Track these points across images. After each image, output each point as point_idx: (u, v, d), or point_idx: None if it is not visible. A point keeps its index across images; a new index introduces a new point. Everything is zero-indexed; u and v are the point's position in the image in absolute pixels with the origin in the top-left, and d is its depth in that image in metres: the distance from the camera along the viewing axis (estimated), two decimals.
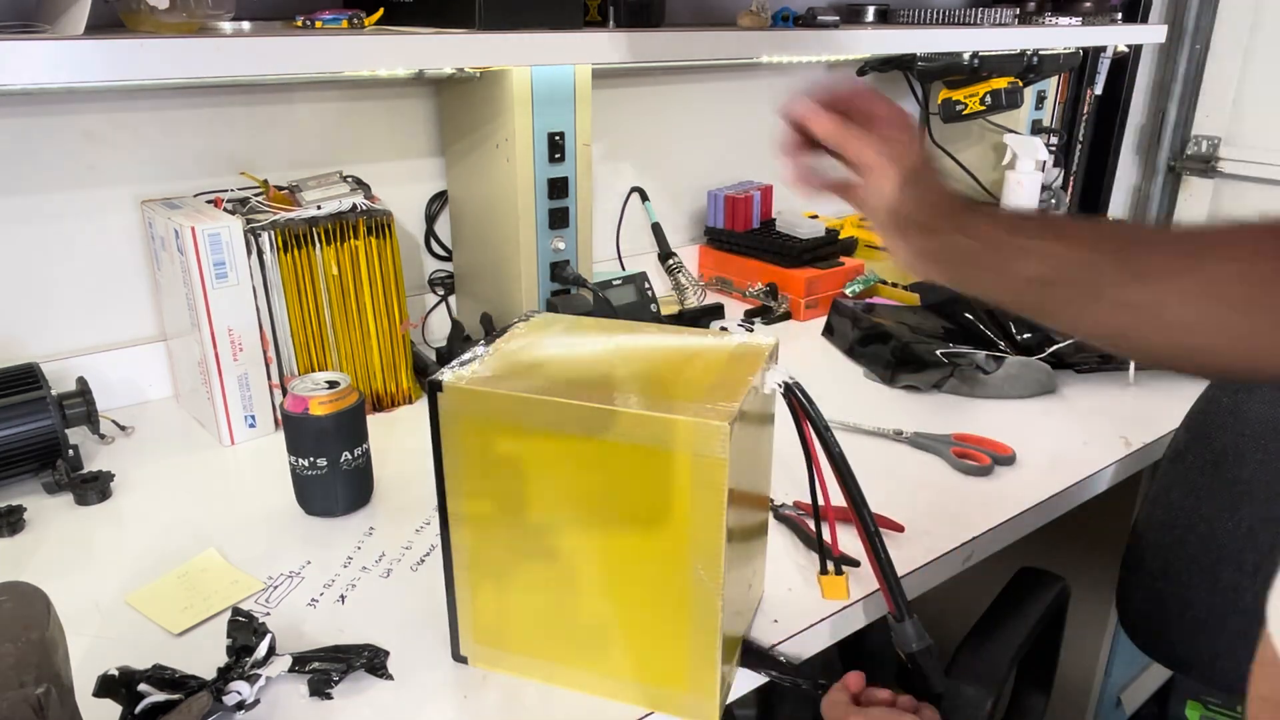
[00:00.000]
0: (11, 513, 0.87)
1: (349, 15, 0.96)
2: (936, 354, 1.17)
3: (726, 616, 0.61)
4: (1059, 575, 0.96)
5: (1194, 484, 0.94)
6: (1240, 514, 0.90)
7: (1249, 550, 0.90)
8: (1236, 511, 0.90)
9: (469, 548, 0.65)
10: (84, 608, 0.75)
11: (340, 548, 0.84)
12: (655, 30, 1.12)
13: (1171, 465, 0.97)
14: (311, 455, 0.86)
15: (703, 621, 0.61)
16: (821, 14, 1.33)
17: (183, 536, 0.85)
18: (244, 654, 0.64)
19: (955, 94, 1.63)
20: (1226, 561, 0.91)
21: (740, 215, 1.57)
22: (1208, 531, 0.92)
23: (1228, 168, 2.41)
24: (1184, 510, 0.95)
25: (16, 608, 0.55)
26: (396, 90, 1.24)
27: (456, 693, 0.66)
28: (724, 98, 1.60)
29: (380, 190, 1.17)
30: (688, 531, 0.58)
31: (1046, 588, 0.94)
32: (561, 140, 1.17)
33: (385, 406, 1.13)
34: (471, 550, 0.65)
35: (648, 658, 0.64)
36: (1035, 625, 0.89)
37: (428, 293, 1.35)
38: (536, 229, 1.19)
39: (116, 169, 1.07)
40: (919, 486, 0.95)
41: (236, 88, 1.12)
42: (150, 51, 0.79)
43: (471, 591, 0.66)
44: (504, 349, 0.66)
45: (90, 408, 0.96)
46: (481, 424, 0.60)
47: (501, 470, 0.61)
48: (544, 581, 0.64)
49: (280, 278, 1.02)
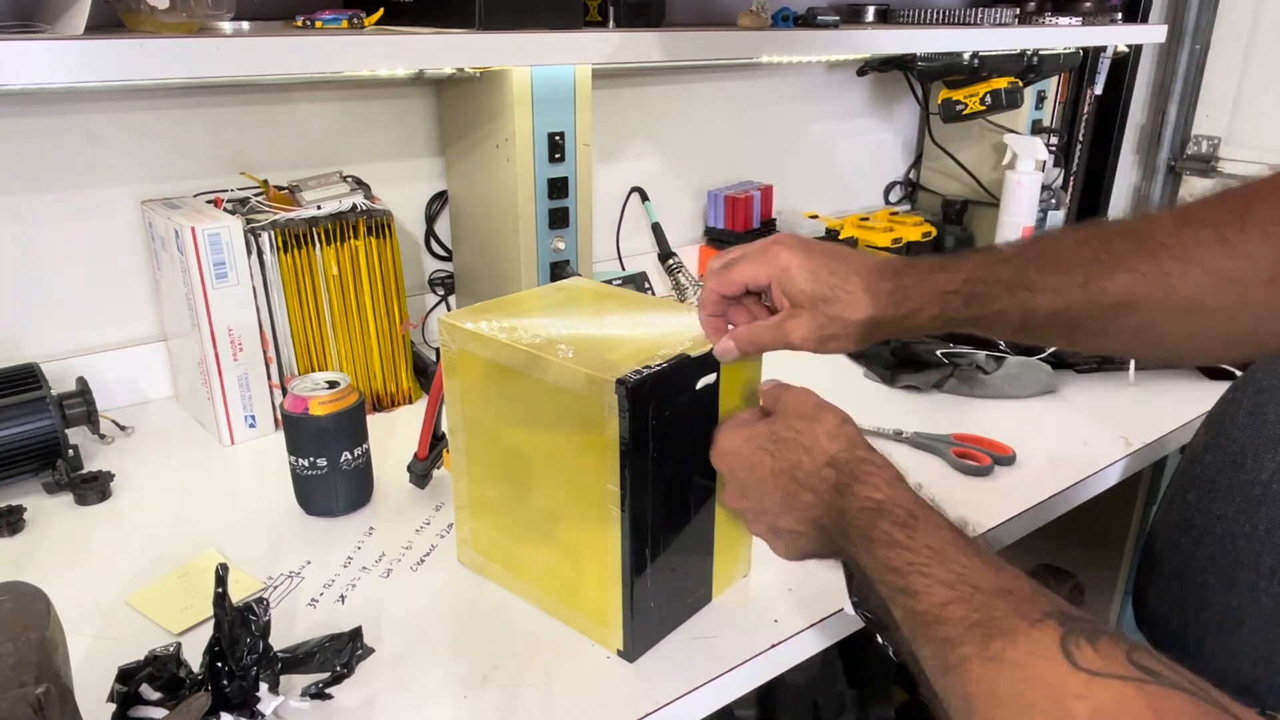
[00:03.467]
0: (11, 513, 0.87)
1: (349, 15, 0.96)
2: (936, 354, 1.17)
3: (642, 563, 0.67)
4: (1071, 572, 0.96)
5: (1212, 485, 0.94)
6: (1258, 516, 0.90)
7: (1267, 552, 0.90)
8: (1255, 513, 0.90)
9: (464, 457, 0.77)
10: (84, 608, 0.75)
11: (340, 548, 0.84)
12: (655, 30, 1.12)
13: (1190, 466, 0.97)
14: (311, 455, 0.86)
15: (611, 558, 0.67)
16: (821, 14, 1.33)
17: (183, 536, 0.85)
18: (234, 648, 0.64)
19: (955, 94, 1.63)
20: (1244, 563, 0.91)
21: (740, 215, 1.57)
22: (1225, 533, 0.92)
23: (1228, 168, 2.41)
24: (1201, 511, 0.94)
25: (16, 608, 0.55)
26: (396, 90, 1.24)
27: (456, 693, 0.66)
28: (724, 98, 1.60)
29: (380, 190, 1.17)
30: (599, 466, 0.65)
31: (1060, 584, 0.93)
32: (561, 140, 1.17)
33: (385, 406, 1.13)
34: (467, 463, 0.77)
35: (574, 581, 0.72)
36: None
37: (428, 293, 1.35)
38: (536, 229, 1.19)
39: (117, 169, 1.07)
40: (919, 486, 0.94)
41: (236, 88, 1.12)
42: (150, 51, 0.79)
43: (469, 499, 0.78)
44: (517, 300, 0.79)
45: (90, 408, 0.96)
46: (467, 355, 0.73)
47: (480, 393, 0.74)
48: (510, 501, 0.75)
49: (280, 278, 1.02)
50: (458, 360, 0.74)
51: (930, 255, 0.62)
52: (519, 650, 0.71)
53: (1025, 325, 0.61)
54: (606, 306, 0.77)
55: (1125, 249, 0.59)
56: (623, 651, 0.69)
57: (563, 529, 0.71)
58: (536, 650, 0.71)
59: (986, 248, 0.64)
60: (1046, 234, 0.63)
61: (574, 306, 0.77)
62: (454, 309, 1.36)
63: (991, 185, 1.84)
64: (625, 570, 0.66)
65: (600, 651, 0.70)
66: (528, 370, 0.67)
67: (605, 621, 0.69)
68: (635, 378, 0.61)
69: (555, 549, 0.72)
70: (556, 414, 0.67)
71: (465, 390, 0.75)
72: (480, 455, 0.76)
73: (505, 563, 0.77)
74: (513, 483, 0.74)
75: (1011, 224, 1.73)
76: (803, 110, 1.74)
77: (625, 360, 0.64)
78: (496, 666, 0.69)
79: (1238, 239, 0.55)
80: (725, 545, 0.75)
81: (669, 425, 0.65)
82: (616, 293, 0.82)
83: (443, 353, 0.75)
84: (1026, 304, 0.60)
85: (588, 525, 0.68)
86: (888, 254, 0.65)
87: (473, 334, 0.71)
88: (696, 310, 0.70)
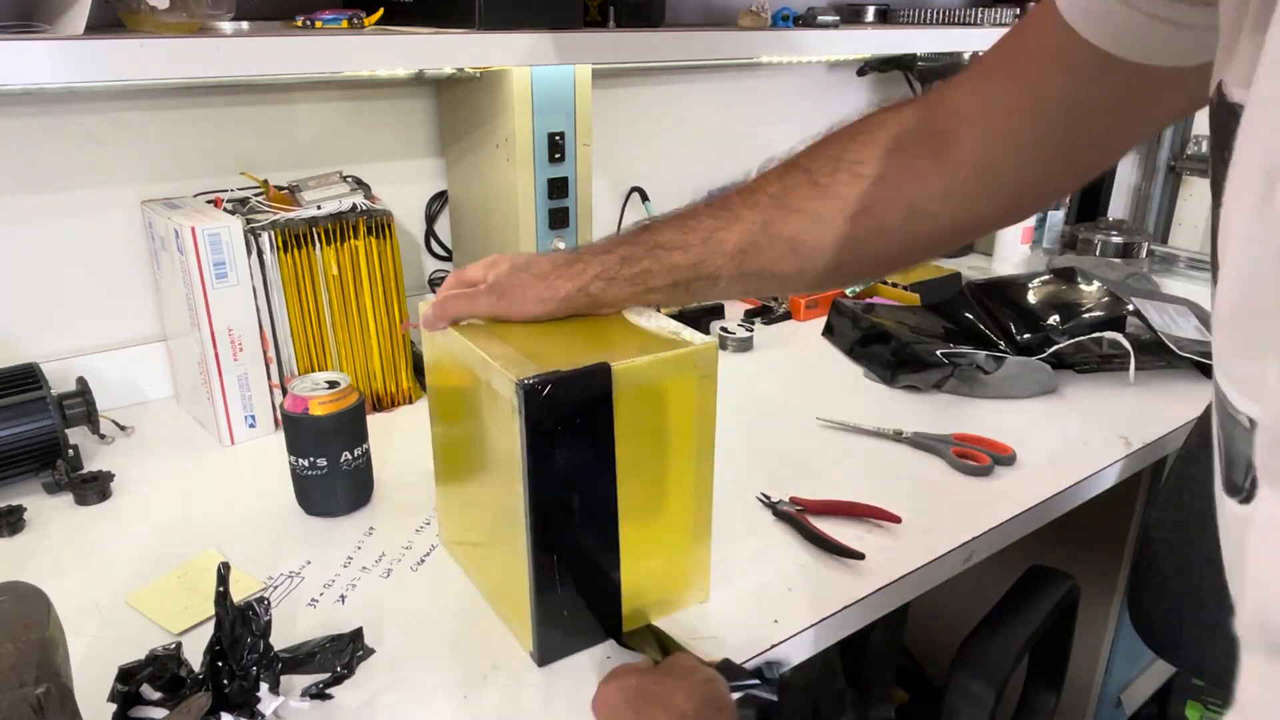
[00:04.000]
0: (11, 513, 0.87)
1: (349, 15, 0.96)
2: (936, 354, 1.17)
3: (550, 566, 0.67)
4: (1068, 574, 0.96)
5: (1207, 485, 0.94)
6: None
7: None
8: None
9: (440, 451, 0.80)
10: (84, 608, 0.75)
11: (340, 548, 0.84)
12: (655, 30, 1.12)
13: (1184, 466, 0.97)
14: (311, 455, 0.86)
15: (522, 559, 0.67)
16: (821, 14, 1.33)
17: (183, 536, 0.85)
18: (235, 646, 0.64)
19: None
20: None
21: None
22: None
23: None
24: (1196, 511, 0.95)
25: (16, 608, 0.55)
26: (396, 90, 1.24)
27: (456, 693, 0.66)
28: (724, 98, 1.60)
29: (380, 190, 1.17)
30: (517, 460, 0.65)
31: (1055, 586, 0.94)
32: (561, 140, 1.17)
33: (385, 406, 1.13)
34: (442, 456, 0.80)
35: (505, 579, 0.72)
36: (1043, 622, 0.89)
37: (428, 293, 1.35)
38: (536, 229, 1.19)
39: (117, 169, 1.07)
40: (919, 486, 0.95)
41: (236, 88, 1.12)
42: (150, 51, 0.79)
43: (443, 490, 0.81)
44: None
45: (90, 408, 0.96)
46: (437, 344, 0.75)
47: (444, 390, 0.77)
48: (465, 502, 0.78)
49: (280, 278, 1.02)
50: (433, 352, 0.77)
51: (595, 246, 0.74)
52: (519, 650, 0.71)
53: (675, 283, 0.69)
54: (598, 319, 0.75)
55: (738, 203, 0.68)
56: (533, 653, 0.69)
57: (493, 525, 0.72)
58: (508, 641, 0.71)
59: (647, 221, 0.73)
60: (689, 205, 0.71)
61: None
62: None
63: None
64: (530, 572, 0.66)
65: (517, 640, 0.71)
66: (472, 367, 0.69)
67: (526, 624, 0.69)
68: (535, 380, 0.61)
69: (492, 546, 0.73)
70: (491, 412, 0.68)
71: (436, 388, 0.78)
72: (445, 454, 0.79)
73: (466, 556, 0.80)
74: (463, 479, 0.77)
75: None
76: (803, 110, 1.74)
77: (550, 364, 0.63)
78: (496, 666, 0.69)
79: (829, 181, 0.64)
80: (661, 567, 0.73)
81: (579, 432, 0.63)
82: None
83: (424, 348, 0.78)
84: (667, 261, 0.68)
85: (509, 522, 0.68)
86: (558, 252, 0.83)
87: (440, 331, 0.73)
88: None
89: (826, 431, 1.07)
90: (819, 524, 0.85)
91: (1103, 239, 1.64)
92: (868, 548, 0.82)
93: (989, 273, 1.70)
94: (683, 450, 0.69)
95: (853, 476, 0.96)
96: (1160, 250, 1.82)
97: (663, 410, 0.67)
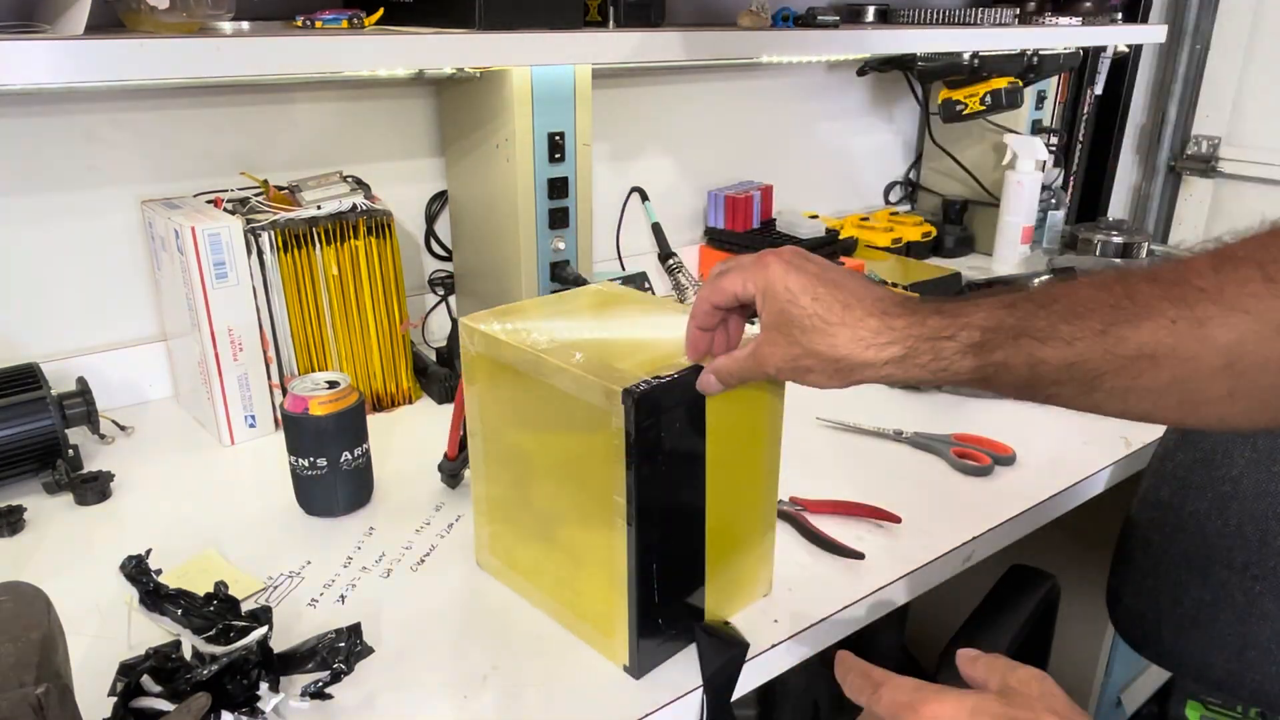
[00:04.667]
0: (11, 513, 0.87)
1: (349, 15, 0.96)
2: None
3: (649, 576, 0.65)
4: (1049, 573, 0.96)
5: (1184, 482, 0.94)
6: (1230, 512, 0.91)
7: (1238, 548, 0.90)
8: (1226, 509, 0.91)
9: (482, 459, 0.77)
10: (84, 608, 0.75)
11: (340, 548, 0.84)
12: (655, 30, 1.12)
13: (1161, 464, 0.97)
14: (311, 455, 0.86)
15: (617, 572, 0.66)
16: (821, 14, 1.33)
17: (183, 536, 0.85)
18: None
19: (955, 94, 1.63)
20: (1216, 559, 0.92)
21: (740, 215, 1.57)
22: (1197, 529, 0.93)
23: (1228, 168, 2.41)
24: (1173, 508, 0.95)
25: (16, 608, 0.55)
26: (396, 90, 1.24)
27: (456, 693, 0.66)
28: (724, 98, 1.60)
29: (380, 190, 1.17)
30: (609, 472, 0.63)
31: (1036, 586, 0.94)
32: (561, 140, 1.17)
33: (385, 406, 1.13)
34: (485, 466, 0.77)
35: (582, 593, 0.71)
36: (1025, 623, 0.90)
37: (428, 293, 1.35)
38: (536, 229, 1.19)
39: (117, 169, 1.07)
40: (919, 486, 0.95)
41: (236, 88, 1.12)
42: (150, 51, 0.79)
43: (486, 502, 0.78)
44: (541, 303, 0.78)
45: (90, 408, 0.96)
46: (484, 358, 0.73)
47: (495, 396, 0.73)
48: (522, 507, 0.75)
49: (280, 278, 1.02)
50: (475, 363, 0.74)
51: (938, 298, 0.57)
52: (519, 651, 0.71)
53: (1033, 380, 0.53)
54: (624, 312, 0.77)
55: (1151, 293, 0.50)
56: (628, 667, 0.68)
57: (570, 537, 0.70)
58: (537, 651, 0.71)
59: (997, 291, 0.56)
60: (1061, 280, 0.55)
61: (594, 312, 0.77)
62: (454, 309, 1.36)
63: (991, 185, 1.84)
64: (631, 585, 0.65)
65: (600, 653, 0.70)
66: (540, 375, 0.67)
67: (612, 634, 0.68)
68: (643, 388, 0.60)
69: (564, 558, 0.72)
70: (568, 421, 0.66)
71: (483, 393, 0.75)
72: (496, 459, 0.76)
73: (520, 568, 0.77)
74: (524, 488, 0.74)
75: (1011, 224, 1.74)
76: (803, 110, 1.74)
77: (636, 369, 0.63)
78: (496, 667, 0.69)
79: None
80: (735, 564, 0.73)
81: (677, 437, 0.64)
82: (637, 298, 0.81)
83: (462, 355, 0.75)
84: (1034, 355, 0.52)
85: (593, 534, 0.67)
86: (891, 289, 0.58)
87: (488, 336, 0.71)
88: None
89: (826, 431, 1.07)
90: (819, 524, 0.85)
91: (1103, 239, 1.64)
92: (868, 548, 0.82)
93: (989, 273, 1.71)
94: (756, 443, 0.70)
95: (853, 476, 0.96)
96: (1160, 250, 1.81)
97: (742, 405, 0.67)
